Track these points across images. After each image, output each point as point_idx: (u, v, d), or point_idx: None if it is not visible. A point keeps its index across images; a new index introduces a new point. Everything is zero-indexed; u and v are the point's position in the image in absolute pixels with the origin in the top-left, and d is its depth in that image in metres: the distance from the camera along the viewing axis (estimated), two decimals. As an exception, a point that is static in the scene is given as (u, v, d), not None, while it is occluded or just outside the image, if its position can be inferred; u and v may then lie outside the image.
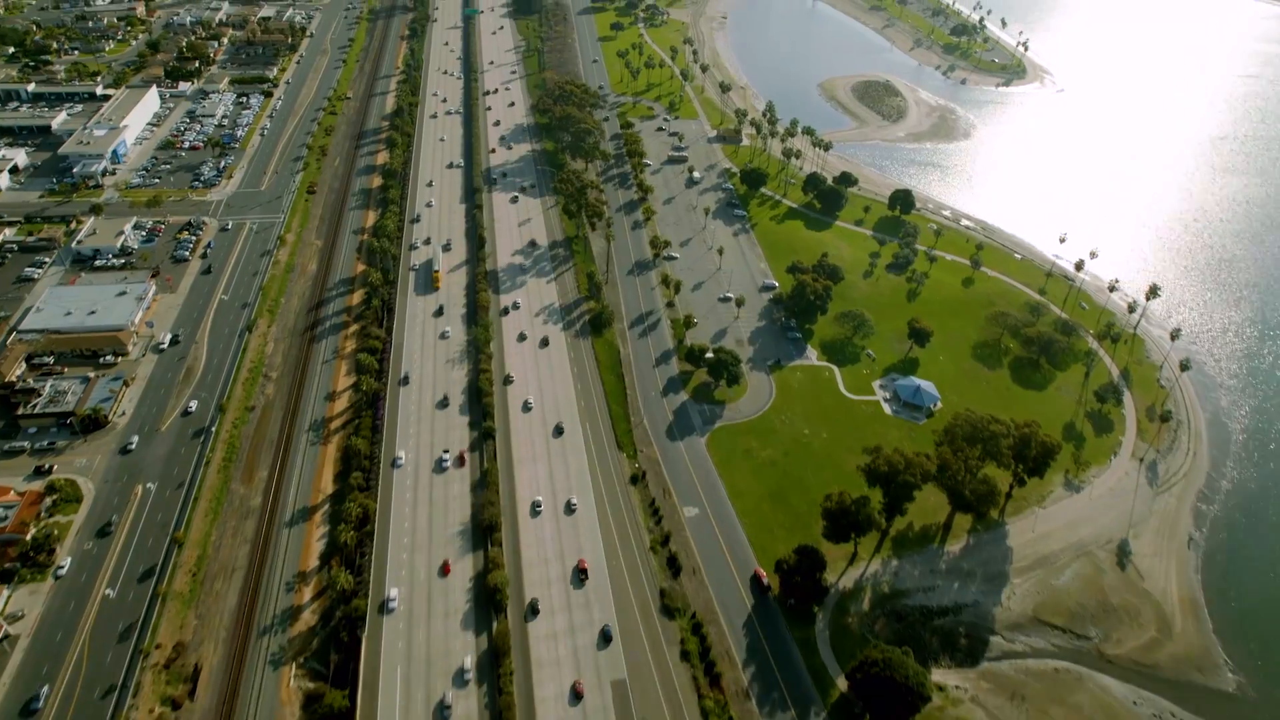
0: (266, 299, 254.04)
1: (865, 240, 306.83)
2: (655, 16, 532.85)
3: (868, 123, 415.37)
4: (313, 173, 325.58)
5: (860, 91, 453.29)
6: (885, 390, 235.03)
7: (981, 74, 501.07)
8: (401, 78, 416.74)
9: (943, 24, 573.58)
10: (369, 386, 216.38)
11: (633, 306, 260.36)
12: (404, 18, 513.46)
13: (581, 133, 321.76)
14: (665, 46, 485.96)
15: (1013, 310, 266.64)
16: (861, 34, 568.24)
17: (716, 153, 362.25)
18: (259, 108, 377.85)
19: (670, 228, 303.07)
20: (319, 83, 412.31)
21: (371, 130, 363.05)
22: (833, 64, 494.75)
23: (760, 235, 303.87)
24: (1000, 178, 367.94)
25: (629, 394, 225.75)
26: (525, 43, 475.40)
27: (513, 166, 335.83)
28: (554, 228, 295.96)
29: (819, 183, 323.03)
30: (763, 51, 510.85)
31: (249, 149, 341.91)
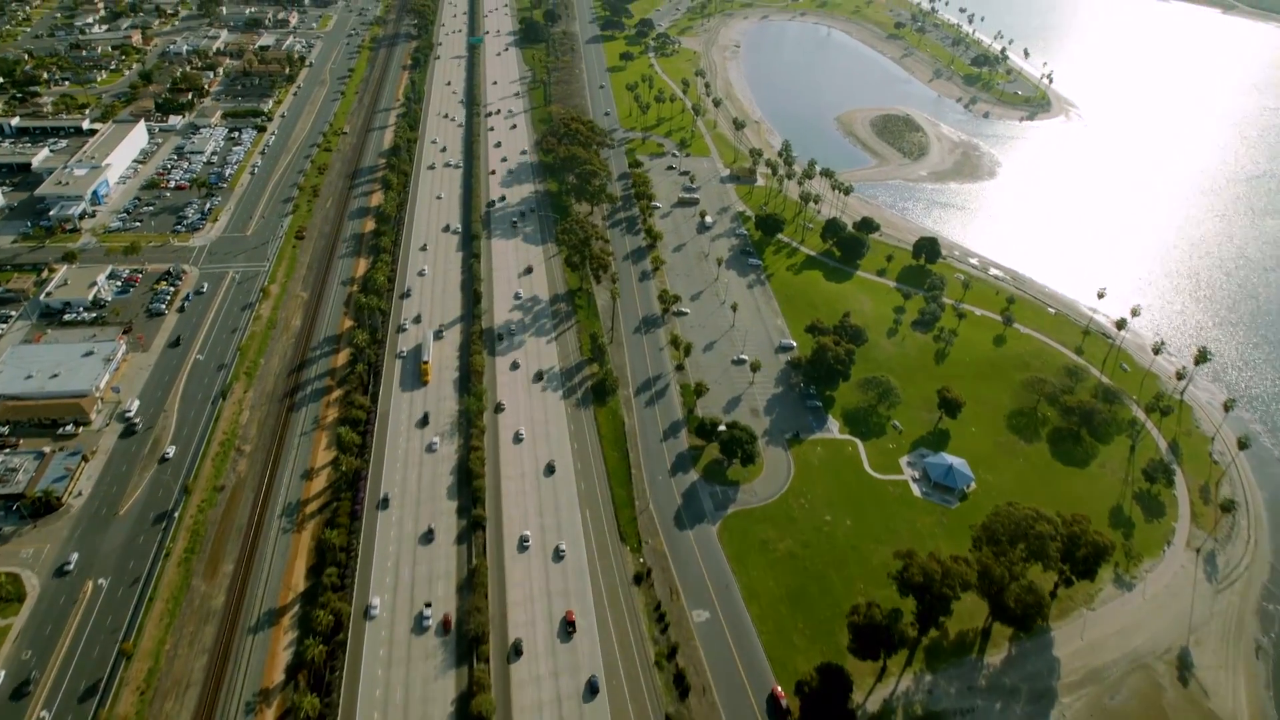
0: (245, 359, 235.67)
1: (889, 293, 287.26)
2: (666, 45, 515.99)
3: (888, 160, 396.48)
4: (303, 216, 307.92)
5: (879, 126, 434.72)
6: (914, 468, 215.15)
7: (1004, 107, 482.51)
8: (402, 110, 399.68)
9: (963, 54, 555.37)
10: (349, 466, 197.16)
11: (639, 369, 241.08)
12: (407, 46, 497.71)
13: (587, 174, 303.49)
14: (676, 77, 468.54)
15: (1049, 375, 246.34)
16: (879, 64, 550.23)
17: (730, 194, 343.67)
18: (251, 144, 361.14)
19: (680, 278, 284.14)
20: (315, 116, 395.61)
21: (367, 168, 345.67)
22: (850, 96, 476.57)
23: (777, 287, 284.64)
24: (1028, 221, 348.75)
25: (634, 473, 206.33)
26: (531, 73, 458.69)
27: (514, 209, 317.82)
28: (556, 279, 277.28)
29: (839, 229, 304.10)
30: (777, 82, 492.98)
31: (237, 189, 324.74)
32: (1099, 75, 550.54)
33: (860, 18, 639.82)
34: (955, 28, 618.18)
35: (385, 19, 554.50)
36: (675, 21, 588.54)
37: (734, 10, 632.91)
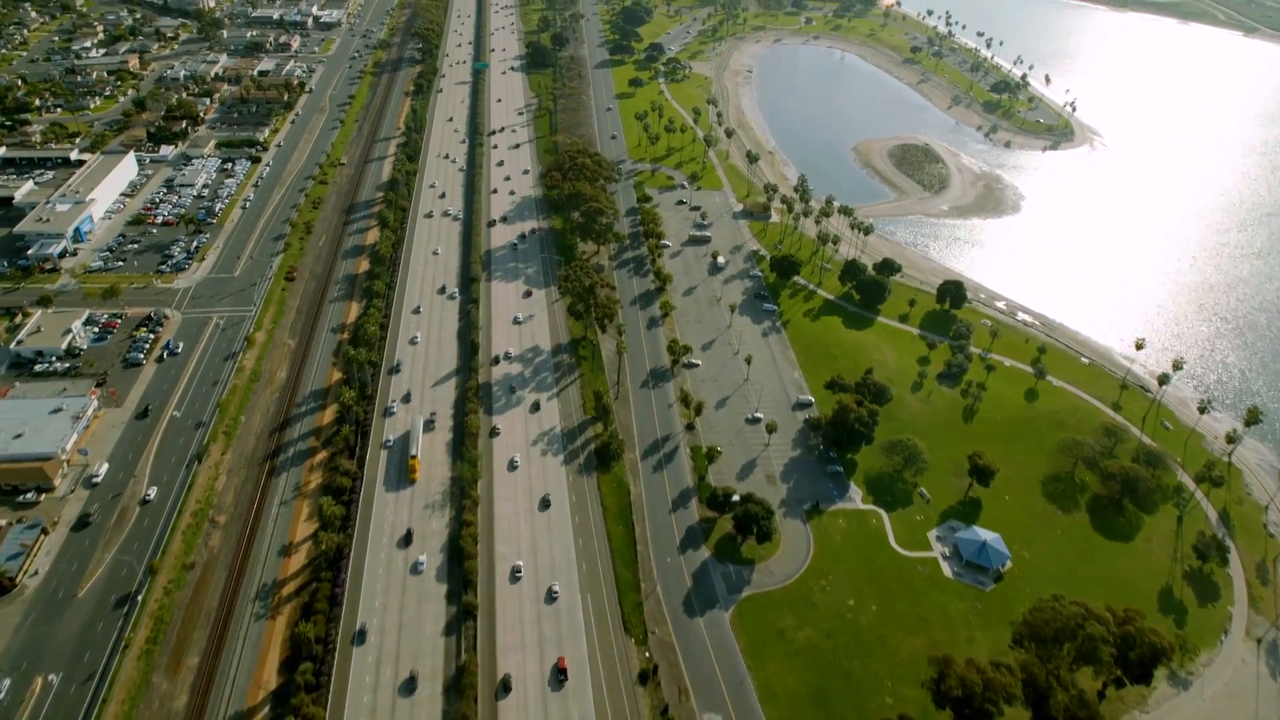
0: (224, 416, 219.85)
1: (912, 341, 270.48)
2: (677, 71, 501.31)
3: (908, 194, 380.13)
4: (294, 254, 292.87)
5: (898, 157, 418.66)
6: (944, 544, 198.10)
7: (1026, 136, 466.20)
8: (402, 139, 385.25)
9: (982, 80, 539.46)
10: (329, 545, 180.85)
11: (646, 430, 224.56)
12: (410, 71, 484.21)
13: (593, 212, 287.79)
14: (687, 104, 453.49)
15: (1086, 435, 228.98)
16: (896, 90, 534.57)
17: (743, 231, 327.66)
18: (244, 176, 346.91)
19: (691, 325, 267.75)
20: (312, 146, 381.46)
21: (364, 203, 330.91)
22: (867, 124, 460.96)
23: (793, 335, 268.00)
24: (1056, 260, 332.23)
25: (639, 550, 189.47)
26: (537, 100, 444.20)
27: (517, 247, 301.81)
28: (559, 327, 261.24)
29: (858, 272, 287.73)
30: (791, 110, 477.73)
31: (227, 225, 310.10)
32: (1121, 102, 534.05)
33: (875, 41, 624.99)
34: (973, 52, 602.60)
35: (390, 42, 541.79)
36: (686, 45, 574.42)
37: (746, 34, 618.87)
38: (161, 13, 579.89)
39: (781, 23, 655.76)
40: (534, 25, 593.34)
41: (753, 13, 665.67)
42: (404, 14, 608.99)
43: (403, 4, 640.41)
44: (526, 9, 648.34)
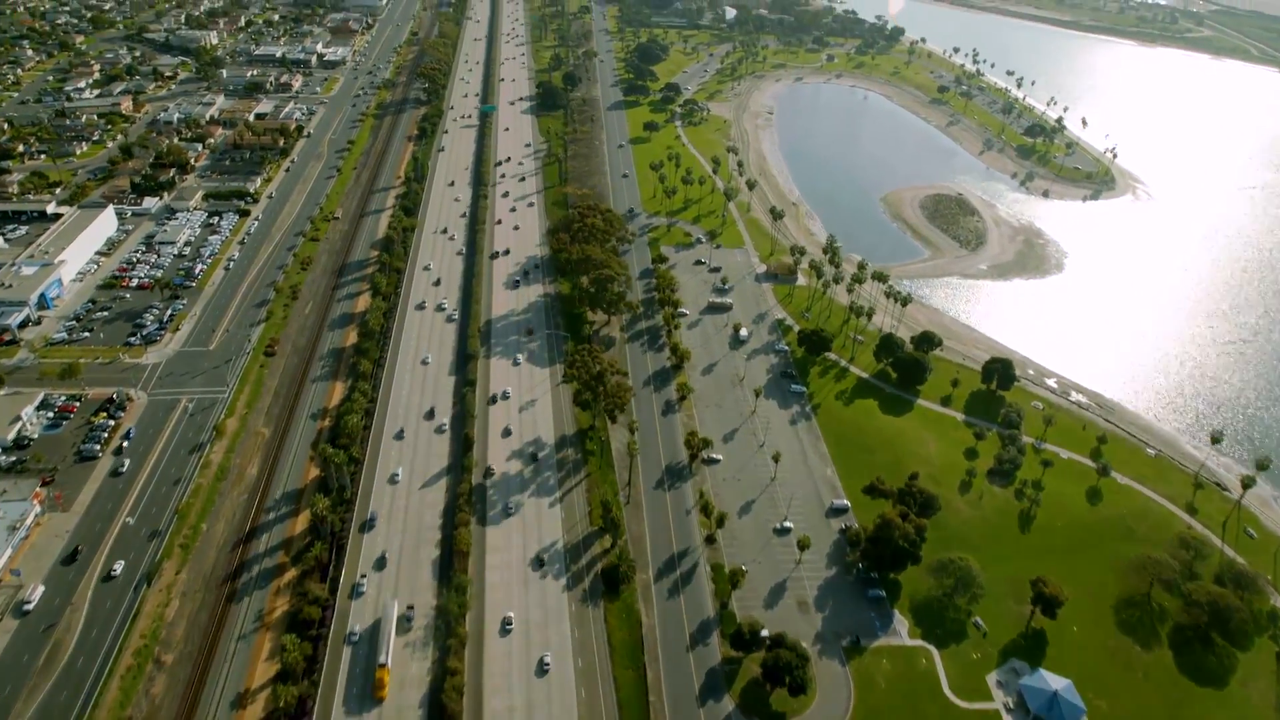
0: (184, 524, 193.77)
1: (956, 429, 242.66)
2: (694, 113, 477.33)
3: (943, 251, 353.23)
4: (276, 325, 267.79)
5: (930, 209, 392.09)
6: (1006, 691, 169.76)
7: (1064, 184, 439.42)
8: (402, 189, 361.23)
9: (1015, 122, 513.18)
10: (288, 700, 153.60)
11: (661, 542, 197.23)
12: (415, 113, 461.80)
13: (604, 280, 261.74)
14: (705, 150, 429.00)
15: (1160, 548, 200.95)
16: (924, 133, 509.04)
17: (767, 296, 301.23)
18: (230, 231, 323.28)
19: (710, 411, 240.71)
20: (306, 197, 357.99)
21: (356, 263, 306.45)
22: (895, 171, 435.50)
23: (824, 422, 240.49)
24: (1108, 328, 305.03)
25: (651, 700, 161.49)
26: (546, 145, 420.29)
27: (519, 319, 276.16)
28: (564, 414, 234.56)
29: (895, 347, 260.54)
30: (815, 155, 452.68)
31: (207, 288, 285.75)
32: (1162, 145, 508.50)
33: (900, 80, 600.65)
34: (1003, 92, 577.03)
35: (395, 81, 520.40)
36: (703, 85, 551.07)
37: (765, 72, 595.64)
38: (163, 50, 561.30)
39: (802, 60, 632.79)
40: (545, 63, 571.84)
41: (772, 50, 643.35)
42: (412, 51, 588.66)
43: (411, 40, 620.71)
44: (538, 45, 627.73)
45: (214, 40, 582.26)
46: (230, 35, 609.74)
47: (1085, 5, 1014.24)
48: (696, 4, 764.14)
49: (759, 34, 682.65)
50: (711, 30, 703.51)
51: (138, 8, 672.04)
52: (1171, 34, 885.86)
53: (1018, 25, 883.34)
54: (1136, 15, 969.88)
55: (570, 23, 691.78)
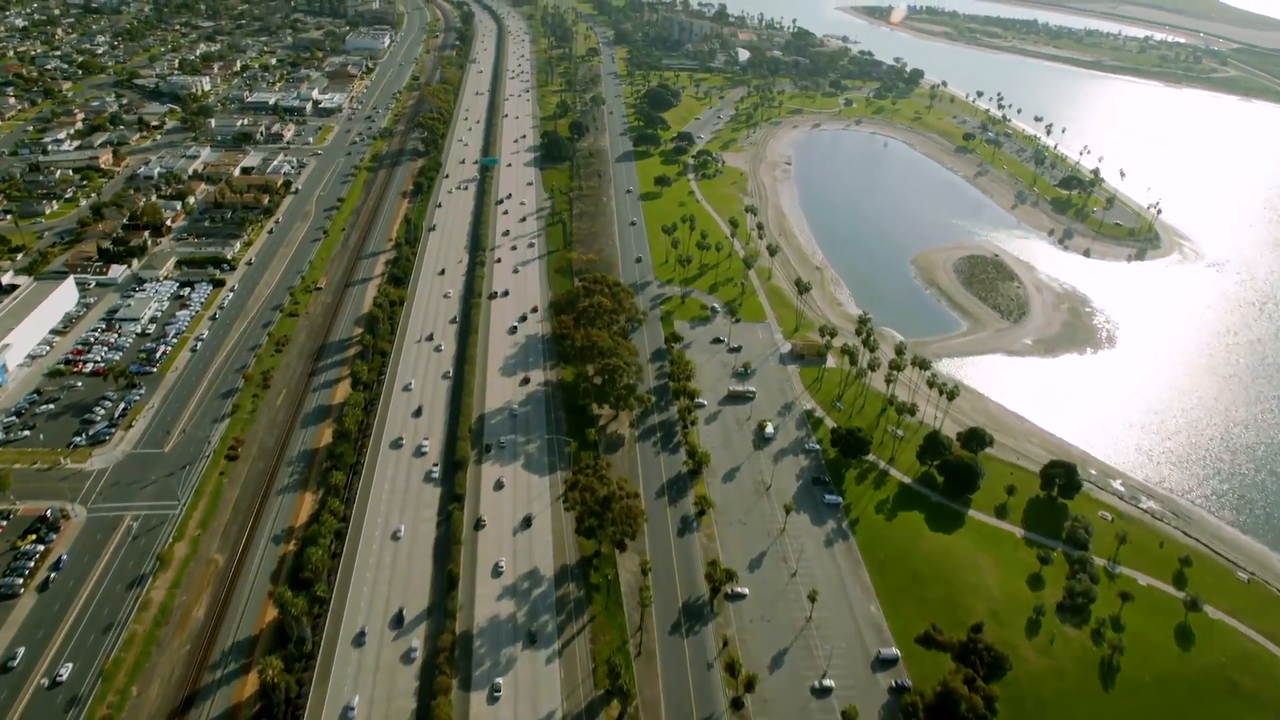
0: (110, 688, 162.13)
1: (1015, 548, 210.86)
2: (708, 165, 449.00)
3: (983, 323, 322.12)
4: (243, 420, 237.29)
5: (965, 273, 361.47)
6: None
7: (1105, 242, 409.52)
8: (392, 254, 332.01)
9: (1048, 173, 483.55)
10: None
11: (679, 709, 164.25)
12: (411, 166, 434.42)
13: (611, 371, 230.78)
14: (721, 206, 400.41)
15: (1271, 710, 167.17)
16: (951, 185, 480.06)
17: (793, 381, 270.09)
18: (202, 304, 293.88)
19: (734, 531, 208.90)
20: (288, 263, 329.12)
21: (338, 343, 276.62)
22: (924, 228, 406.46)
23: (865, 542, 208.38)
24: (1172, 415, 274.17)
25: None
26: (550, 202, 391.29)
27: (517, 413, 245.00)
28: (565, 540, 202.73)
29: (941, 448, 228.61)
30: (838, 210, 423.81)
31: (169, 375, 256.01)
32: (1202, 195, 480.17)
33: (922, 126, 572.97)
34: (1033, 140, 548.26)
35: (393, 130, 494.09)
36: (717, 133, 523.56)
37: (781, 118, 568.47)
38: (152, 97, 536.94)
39: (819, 105, 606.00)
40: (551, 109, 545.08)
41: (788, 94, 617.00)
42: (412, 97, 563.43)
43: (412, 85, 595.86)
44: (544, 89, 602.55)
45: (206, 86, 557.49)
46: (224, 81, 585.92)
47: (1105, 44, 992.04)
48: (708, 46, 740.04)
49: (774, 77, 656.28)
50: (724, 73, 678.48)
51: (132, 52, 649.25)
52: (1196, 74, 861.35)
53: (1038, 65, 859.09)
54: (1158, 55, 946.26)
55: (577, 65, 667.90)
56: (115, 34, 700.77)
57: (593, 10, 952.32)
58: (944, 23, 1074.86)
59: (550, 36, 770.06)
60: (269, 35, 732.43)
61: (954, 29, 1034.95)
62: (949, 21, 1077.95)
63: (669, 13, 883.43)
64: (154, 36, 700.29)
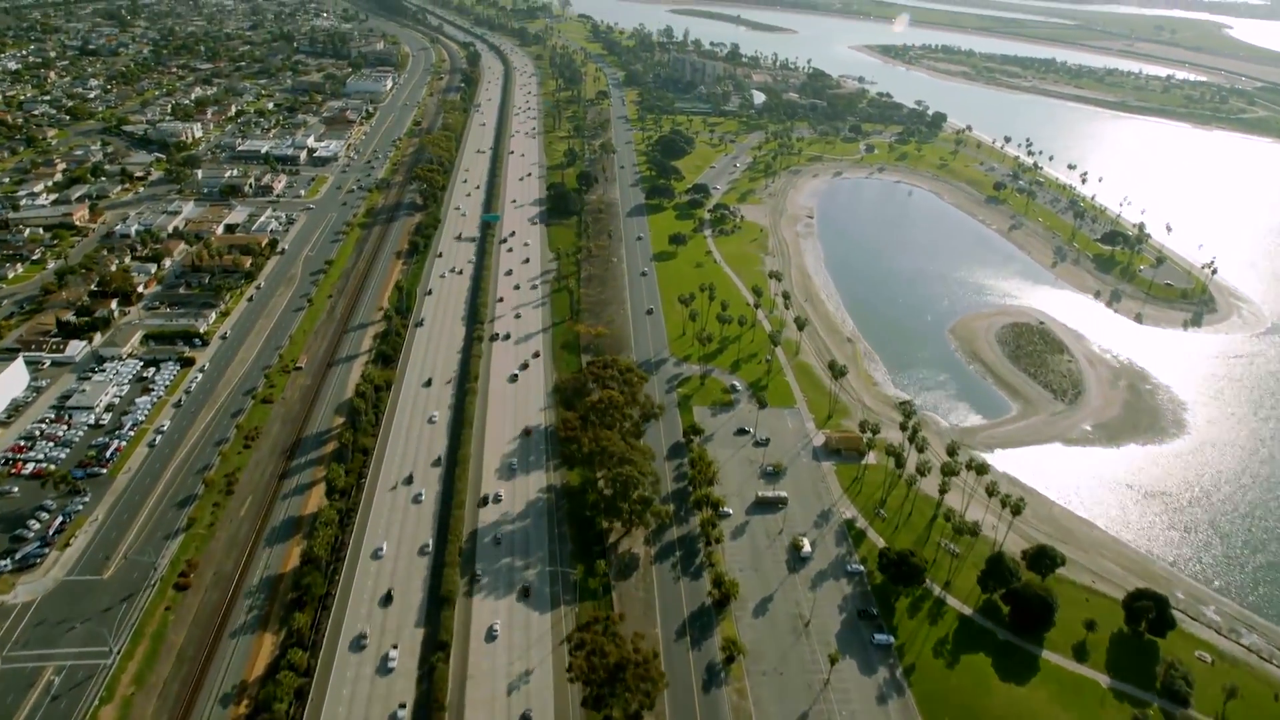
0: None
1: (1102, 701, 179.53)
2: (725, 220, 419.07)
3: (1035, 405, 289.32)
4: (199, 536, 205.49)
5: (1010, 344, 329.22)
6: None
7: (1157, 305, 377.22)
8: (381, 327, 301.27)
9: (1088, 228, 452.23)
10: None
11: None
12: (408, 222, 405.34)
13: (625, 482, 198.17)
14: (741, 267, 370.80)
15: None
16: (984, 239, 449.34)
17: (829, 482, 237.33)
18: (166, 388, 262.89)
19: (769, 684, 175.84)
20: (266, 338, 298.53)
21: (315, 437, 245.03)
22: (960, 290, 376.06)
23: (924, 697, 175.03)
24: (1264, 520, 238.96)
25: None
26: (556, 264, 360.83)
27: (514, 529, 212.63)
28: (568, 698, 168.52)
29: (1006, 575, 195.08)
30: (866, 272, 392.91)
31: (120, 478, 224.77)
32: (1255, 250, 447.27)
33: (948, 174, 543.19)
34: (1068, 190, 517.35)
35: (390, 181, 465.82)
36: (734, 183, 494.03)
37: (800, 166, 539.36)
38: (139, 145, 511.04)
39: (839, 151, 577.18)
40: (559, 158, 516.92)
41: (807, 140, 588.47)
42: (412, 144, 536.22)
43: (412, 132, 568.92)
44: (551, 136, 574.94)
45: (197, 133, 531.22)
46: (217, 127, 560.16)
47: (1128, 84, 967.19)
48: (722, 88, 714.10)
49: (791, 121, 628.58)
50: (739, 117, 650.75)
51: (124, 96, 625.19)
52: (1225, 115, 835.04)
53: (1061, 106, 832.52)
54: (1183, 95, 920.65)
55: (586, 109, 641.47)
56: (110, 77, 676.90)
57: (602, 50, 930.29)
58: (961, 61, 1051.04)
59: (558, 78, 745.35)
60: (268, 78, 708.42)
61: (972, 68, 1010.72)
62: (966, 60, 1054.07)
63: (680, 53, 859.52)
64: (149, 79, 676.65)
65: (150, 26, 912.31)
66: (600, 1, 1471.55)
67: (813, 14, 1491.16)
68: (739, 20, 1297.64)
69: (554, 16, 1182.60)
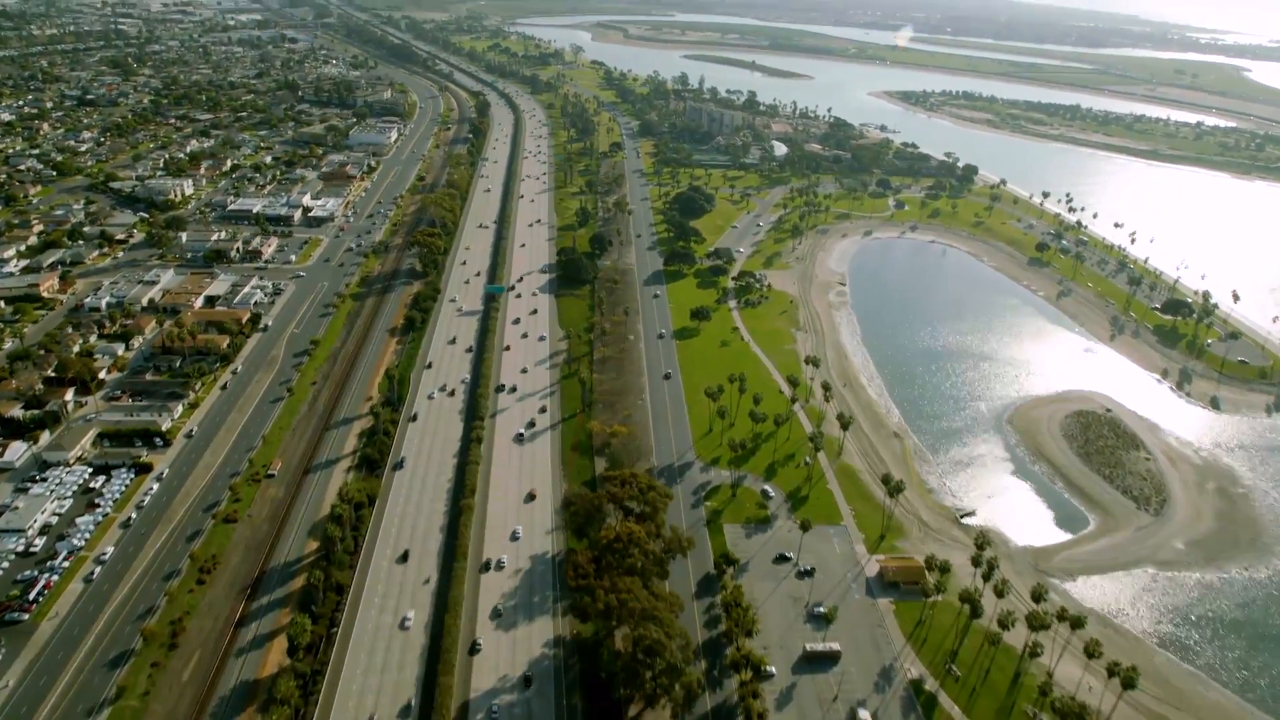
0: None
1: None
2: (751, 289, 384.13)
3: (1115, 516, 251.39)
4: (128, 712, 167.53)
5: (1077, 437, 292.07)
6: None
7: (1233, 386, 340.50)
8: (368, 423, 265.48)
9: (1145, 295, 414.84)
10: None
11: None
12: (405, 292, 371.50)
13: (647, 646, 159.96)
14: (771, 347, 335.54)
15: None
16: (1030, 305, 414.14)
17: (888, 625, 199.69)
18: (115, 503, 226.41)
19: None
20: (238, 435, 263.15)
21: (282, 569, 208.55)
22: (1012, 370, 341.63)
23: None
24: None
25: None
26: (566, 345, 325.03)
27: (516, 701, 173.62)
28: None
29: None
30: (907, 348, 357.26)
31: (43, 627, 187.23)
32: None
33: (985, 233, 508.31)
34: (1117, 251, 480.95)
35: (388, 244, 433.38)
36: (758, 245, 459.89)
37: (828, 224, 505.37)
38: (127, 203, 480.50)
39: (868, 207, 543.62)
40: (570, 216, 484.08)
41: (833, 196, 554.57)
42: (414, 201, 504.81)
43: (415, 188, 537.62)
44: (562, 192, 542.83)
45: (188, 190, 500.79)
46: (210, 183, 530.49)
47: (1157, 131, 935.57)
48: (741, 139, 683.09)
49: (814, 175, 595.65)
50: (759, 170, 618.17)
51: (117, 149, 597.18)
52: (1264, 164, 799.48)
53: (1091, 155, 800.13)
54: (1216, 142, 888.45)
55: (600, 162, 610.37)
56: (104, 129, 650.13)
57: (615, 98, 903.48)
58: (984, 108, 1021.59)
59: (571, 128, 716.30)
60: (269, 129, 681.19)
61: (995, 115, 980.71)
62: (989, 107, 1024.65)
63: (696, 101, 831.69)
64: (145, 131, 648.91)
65: (154, 75, 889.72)
66: (613, 47, 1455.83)
67: (827, 59, 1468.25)
68: (754, 66, 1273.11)
69: (566, 63, 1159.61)
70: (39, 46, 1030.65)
